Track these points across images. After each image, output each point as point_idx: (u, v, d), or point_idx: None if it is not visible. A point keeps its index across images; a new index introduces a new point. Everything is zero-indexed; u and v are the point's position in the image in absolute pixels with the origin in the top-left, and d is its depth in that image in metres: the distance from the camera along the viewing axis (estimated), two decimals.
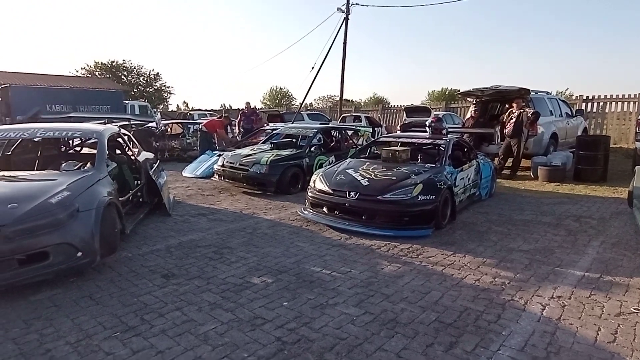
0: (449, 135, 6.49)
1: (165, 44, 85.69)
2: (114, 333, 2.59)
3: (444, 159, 5.49)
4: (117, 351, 2.40)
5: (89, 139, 5.19)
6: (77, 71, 37.81)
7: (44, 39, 76.32)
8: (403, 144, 6.47)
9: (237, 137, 12.88)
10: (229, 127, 12.86)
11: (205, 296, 3.14)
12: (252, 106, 14.22)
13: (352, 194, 4.86)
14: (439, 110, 16.81)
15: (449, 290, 3.29)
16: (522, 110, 8.50)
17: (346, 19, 17.99)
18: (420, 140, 6.24)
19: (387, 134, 13.88)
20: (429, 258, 4.02)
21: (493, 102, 10.56)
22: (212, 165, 8.66)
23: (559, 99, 11.15)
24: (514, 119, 8.54)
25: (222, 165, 7.60)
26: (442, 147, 5.83)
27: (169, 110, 39.09)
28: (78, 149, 5.98)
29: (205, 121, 12.55)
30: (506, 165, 9.03)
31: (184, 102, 48.46)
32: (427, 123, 6.85)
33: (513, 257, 4.03)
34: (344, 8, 17.91)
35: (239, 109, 22.91)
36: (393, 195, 4.69)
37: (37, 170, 4.51)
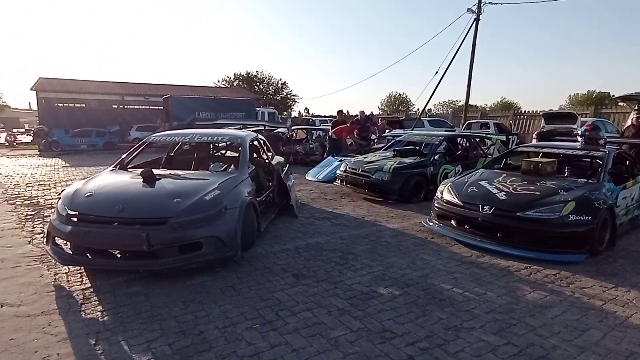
0: (607, 146, 5.54)
1: (289, 54, 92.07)
2: (254, 325, 2.79)
3: (602, 174, 4.69)
4: (257, 343, 2.57)
5: (234, 143, 5.77)
6: (219, 82, 43.08)
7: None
8: (546, 155, 5.73)
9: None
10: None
11: (333, 300, 3.19)
12: (369, 113, 14.19)
13: (486, 208, 4.46)
14: (587, 117, 14.63)
15: (612, 330, 2.77)
16: None
17: (477, 20, 16.88)
18: (569, 152, 5.44)
19: (520, 143, 12.57)
20: (583, 289, 3.46)
21: None
22: (334, 170, 8.91)
23: None
24: None
25: (345, 171, 7.74)
26: (600, 160, 4.99)
27: (292, 116, 41.77)
28: (223, 151, 6.71)
29: (335, 128, 12.74)
30: None
31: (306, 108, 51.28)
32: (579, 132, 5.95)
33: None
34: (474, 8, 16.83)
35: (354, 115, 23.29)
36: (537, 213, 4.16)
37: (193, 169, 5.18)
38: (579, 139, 5.80)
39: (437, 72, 17.30)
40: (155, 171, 4.15)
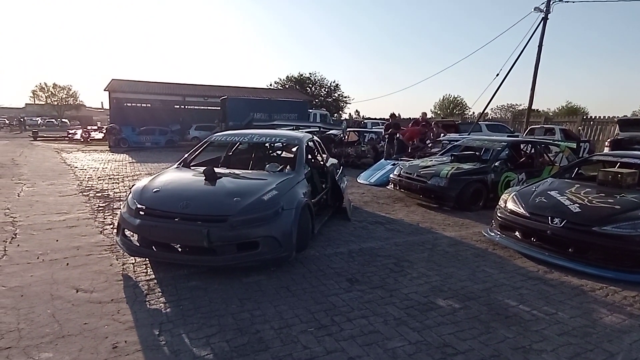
0: None
1: (341, 56, 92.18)
2: (309, 328, 2.77)
3: None
4: (313, 347, 2.54)
5: (291, 144, 5.83)
6: (272, 84, 44.10)
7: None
8: (625, 165, 5.22)
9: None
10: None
11: (389, 309, 3.09)
12: (425, 116, 13.82)
13: (557, 220, 4.14)
14: None
15: None
16: None
17: (544, 19, 15.87)
18: None
19: (591, 151, 11.63)
20: None
21: None
22: (387, 174, 8.74)
23: None
24: None
25: (399, 175, 7.56)
26: None
27: (343, 118, 41.74)
28: (279, 152, 6.81)
29: (404, 131, 12.40)
30: None
31: (356, 111, 51.12)
32: None
33: None
34: (542, 7, 15.84)
35: (409, 118, 22.80)
36: (616, 229, 3.78)
37: (250, 169, 5.29)
38: None
39: (498, 74, 16.44)
40: (216, 170, 4.28)
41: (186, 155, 5.13)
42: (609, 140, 11.29)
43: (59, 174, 9.79)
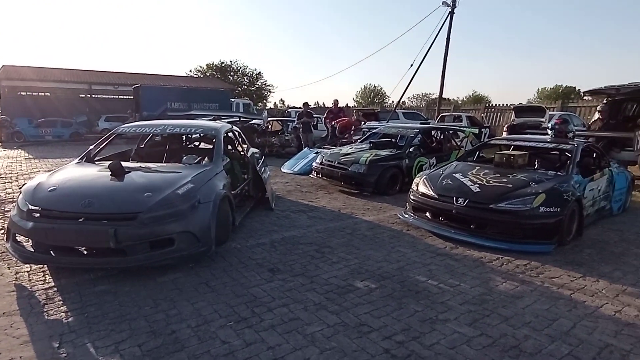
0: (576, 139, 5.71)
1: (264, 44, 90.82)
2: (228, 322, 2.72)
3: (571, 166, 4.83)
4: (232, 341, 2.50)
5: (208, 135, 5.61)
6: (191, 71, 41.99)
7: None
8: (517, 148, 5.86)
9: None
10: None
11: (310, 295, 3.15)
12: (343, 104, 14.19)
13: (461, 200, 4.52)
14: (554, 110, 15.09)
15: (582, 319, 2.85)
16: None
17: (451, 13, 17.06)
18: (540, 144, 5.58)
19: (491, 136, 12.85)
20: (552, 279, 3.56)
21: (629, 101, 9.08)
22: (310, 163, 8.85)
23: None
24: None
25: (321, 163, 7.70)
26: (569, 153, 5.14)
27: (267, 107, 41.28)
28: (196, 143, 6.53)
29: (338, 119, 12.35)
30: None
31: (281, 99, 50.87)
32: (548, 125, 6.11)
33: None
34: (449, 1, 16.99)
35: (327, 106, 23.28)
36: (509, 205, 4.25)
37: (164, 162, 5.00)
38: (549, 132, 5.96)
39: (412, 65, 17.42)
40: (124, 164, 3.98)
41: (90, 149, 4.69)
42: (506, 125, 12.57)
43: None
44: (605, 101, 9.07)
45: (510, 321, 2.80)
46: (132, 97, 20.44)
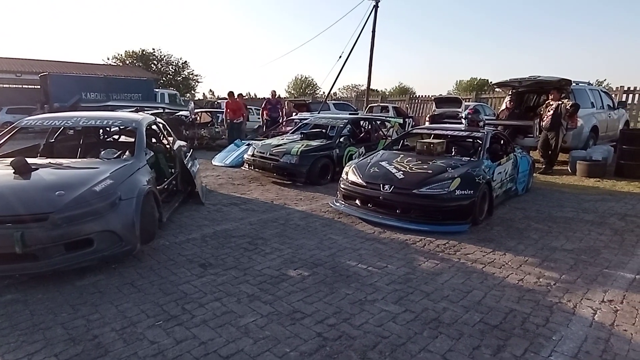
0: (486, 128, 6.26)
1: (189, 31, 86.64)
2: (157, 322, 2.63)
3: (481, 152, 5.30)
4: (161, 340, 2.43)
5: (128, 127, 5.27)
6: (109, 59, 38.80)
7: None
8: (437, 136, 6.30)
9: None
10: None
11: (243, 287, 3.15)
12: (277, 95, 14.16)
13: (387, 187, 4.77)
14: (469, 101, 16.36)
15: (492, 289, 3.18)
16: (560, 102, 8.14)
17: (376, 7, 17.62)
18: (456, 133, 6.04)
19: (415, 125, 13.61)
20: (467, 255, 3.91)
21: (530, 93, 10.15)
22: (242, 155, 8.71)
23: (601, 90, 10.61)
24: (551, 111, 8.18)
25: (252, 155, 7.62)
26: (480, 140, 5.63)
27: (196, 98, 39.61)
28: (116, 137, 6.10)
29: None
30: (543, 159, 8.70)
31: (210, 90, 49.09)
32: (463, 115, 6.63)
33: (557, 257, 3.87)
34: None
35: (263, 97, 23.01)
36: (429, 190, 4.57)
37: (79, 158, 4.62)
38: (463, 121, 6.47)
39: (340, 57, 17.76)
40: (30, 160, 3.61)
41: None
42: (428, 115, 13.40)
43: None
44: (510, 93, 10.04)
45: (431, 296, 3.05)
46: (38, 86, 18.42)
